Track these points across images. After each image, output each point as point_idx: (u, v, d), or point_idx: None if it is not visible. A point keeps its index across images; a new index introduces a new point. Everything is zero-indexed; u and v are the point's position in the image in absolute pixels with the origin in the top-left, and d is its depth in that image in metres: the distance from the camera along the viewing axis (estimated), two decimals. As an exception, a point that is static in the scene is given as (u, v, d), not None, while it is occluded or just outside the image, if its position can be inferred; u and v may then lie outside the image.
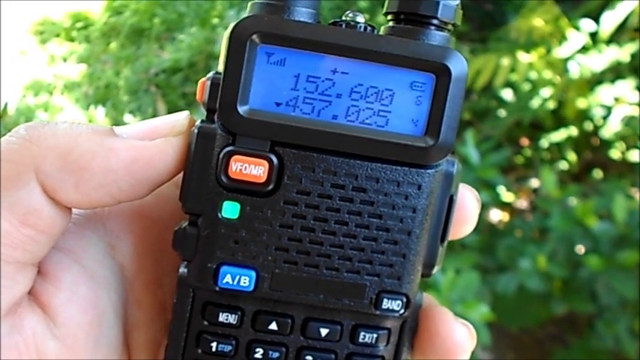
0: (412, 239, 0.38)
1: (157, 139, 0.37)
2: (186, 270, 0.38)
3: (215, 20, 2.97)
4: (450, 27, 0.38)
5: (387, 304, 0.39)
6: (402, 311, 0.39)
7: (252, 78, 0.37)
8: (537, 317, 1.62)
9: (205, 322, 0.39)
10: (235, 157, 0.37)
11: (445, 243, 0.40)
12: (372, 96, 0.38)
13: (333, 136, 0.37)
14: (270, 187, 0.37)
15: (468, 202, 0.41)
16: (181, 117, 0.39)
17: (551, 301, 1.55)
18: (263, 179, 0.37)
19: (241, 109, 0.37)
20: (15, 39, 3.31)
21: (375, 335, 0.40)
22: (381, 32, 0.39)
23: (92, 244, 0.40)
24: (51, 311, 0.37)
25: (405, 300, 0.39)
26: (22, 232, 0.35)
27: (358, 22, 0.37)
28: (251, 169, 0.37)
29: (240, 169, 0.37)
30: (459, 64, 0.37)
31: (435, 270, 0.40)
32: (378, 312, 0.39)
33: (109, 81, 3.05)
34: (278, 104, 0.37)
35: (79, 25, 3.44)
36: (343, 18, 0.38)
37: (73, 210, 0.38)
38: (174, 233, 0.38)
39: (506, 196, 1.79)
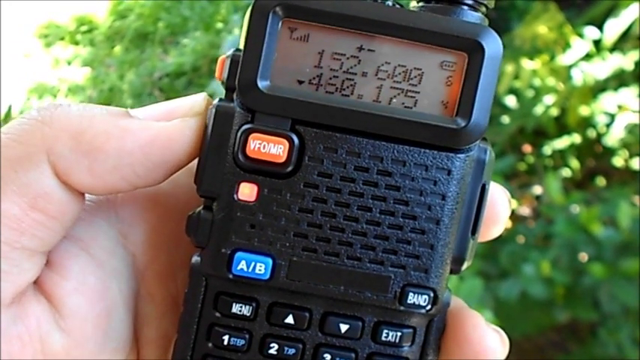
0: (441, 229, 0.36)
1: (174, 120, 0.36)
2: (199, 258, 0.37)
3: (219, 24, 2.97)
4: (483, 9, 0.37)
5: (412, 298, 0.36)
6: (429, 307, 0.37)
7: (273, 53, 0.35)
8: (539, 324, 1.61)
9: (217, 314, 0.37)
10: (254, 134, 0.35)
11: (477, 236, 0.38)
12: (399, 75, 0.36)
13: (357, 116, 0.35)
14: (290, 168, 0.35)
15: (498, 200, 0.38)
16: (199, 98, 0.38)
17: (554, 308, 1.55)
18: (282, 159, 0.35)
19: (261, 85, 0.35)
20: (19, 42, 3.32)
21: (399, 334, 0.37)
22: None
23: (102, 232, 0.38)
24: (56, 302, 0.36)
25: (432, 295, 0.37)
26: (30, 217, 0.33)
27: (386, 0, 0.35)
28: (270, 147, 0.35)
29: (259, 148, 0.35)
30: (493, 42, 0.35)
31: (465, 266, 0.37)
32: (402, 307, 0.37)
33: (113, 84, 3.05)
34: (300, 82, 0.36)
35: (84, 28, 3.45)
36: None
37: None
38: (188, 218, 0.36)
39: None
